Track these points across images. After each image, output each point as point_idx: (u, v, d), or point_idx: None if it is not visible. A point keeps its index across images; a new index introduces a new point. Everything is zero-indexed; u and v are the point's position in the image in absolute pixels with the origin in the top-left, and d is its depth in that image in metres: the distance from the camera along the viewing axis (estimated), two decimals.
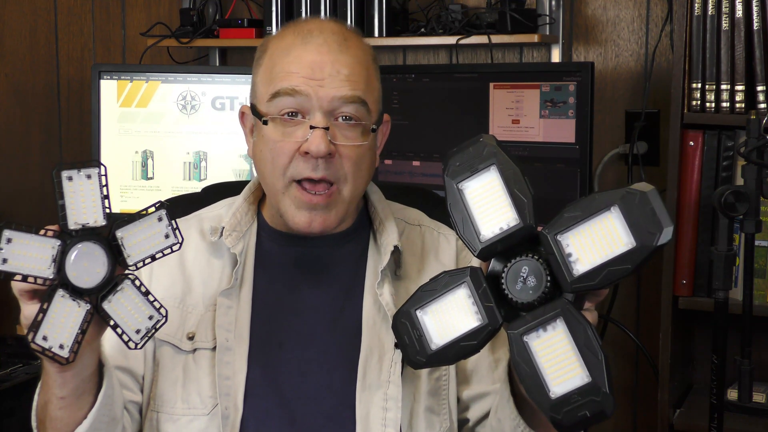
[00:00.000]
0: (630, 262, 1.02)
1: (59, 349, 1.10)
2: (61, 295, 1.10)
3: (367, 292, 1.41)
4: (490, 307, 1.09)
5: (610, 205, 1.02)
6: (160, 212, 1.15)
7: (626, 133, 2.52)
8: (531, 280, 1.07)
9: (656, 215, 1.01)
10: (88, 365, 1.21)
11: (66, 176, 1.11)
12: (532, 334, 1.05)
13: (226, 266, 1.42)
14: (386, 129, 1.47)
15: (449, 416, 1.39)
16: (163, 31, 2.94)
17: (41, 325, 1.09)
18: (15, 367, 2.83)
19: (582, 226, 1.03)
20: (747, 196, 1.76)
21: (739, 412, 2.10)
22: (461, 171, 1.09)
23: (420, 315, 1.11)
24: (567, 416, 1.03)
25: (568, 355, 1.04)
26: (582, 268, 1.03)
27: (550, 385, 1.04)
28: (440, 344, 1.11)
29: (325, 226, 1.37)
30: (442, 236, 1.48)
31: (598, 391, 1.02)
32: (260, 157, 1.39)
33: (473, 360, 1.40)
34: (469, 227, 1.09)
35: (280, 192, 1.37)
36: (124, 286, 1.13)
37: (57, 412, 1.22)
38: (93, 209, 1.12)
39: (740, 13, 2.10)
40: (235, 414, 1.34)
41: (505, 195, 1.07)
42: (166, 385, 1.38)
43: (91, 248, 1.11)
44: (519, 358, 1.06)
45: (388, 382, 1.35)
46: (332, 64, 1.34)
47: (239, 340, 1.37)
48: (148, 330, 1.15)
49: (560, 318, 1.04)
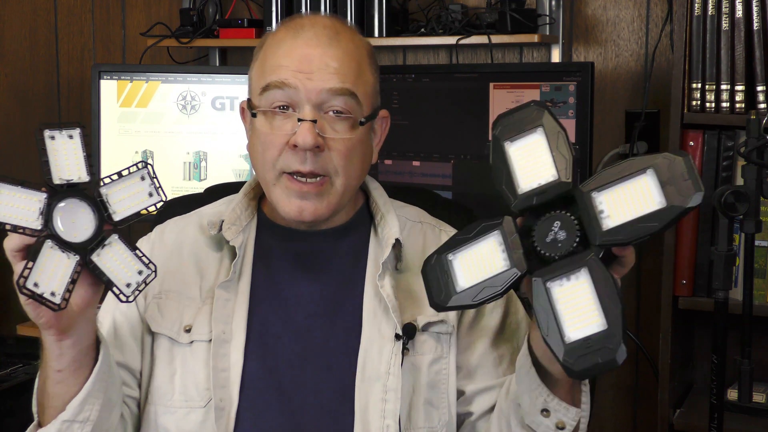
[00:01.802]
0: (658, 221, 1.05)
1: (51, 296, 1.12)
2: (50, 246, 1.12)
3: (367, 284, 1.41)
4: (518, 253, 1.12)
5: (646, 168, 1.06)
6: (142, 171, 1.19)
7: (626, 133, 2.52)
8: (561, 234, 1.10)
9: (689, 179, 1.04)
10: (85, 336, 1.22)
11: (48, 135, 1.14)
12: (555, 281, 1.08)
13: (224, 259, 1.43)
14: (385, 125, 1.47)
15: (448, 410, 1.40)
16: (163, 31, 2.95)
17: (32, 272, 1.11)
18: (15, 367, 2.83)
19: (617, 186, 1.07)
20: (747, 196, 1.75)
21: (739, 412, 2.09)
22: (509, 131, 1.14)
23: (451, 259, 1.15)
24: (579, 361, 1.06)
25: (588, 303, 1.06)
26: (611, 223, 1.07)
27: (566, 330, 1.07)
28: (465, 287, 1.14)
29: (316, 215, 1.37)
30: (443, 233, 1.49)
31: (612, 339, 1.05)
32: (253, 150, 1.41)
33: (477, 356, 1.41)
34: (510, 181, 1.13)
35: (271, 183, 1.38)
36: (111, 241, 1.16)
37: (55, 387, 1.24)
38: (76, 166, 1.15)
39: (740, 13, 2.10)
40: (231, 406, 1.34)
41: (547, 154, 1.12)
42: (163, 378, 1.38)
43: (77, 204, 1.14)
44: (540, 304, 1.08)
45: (388, 373, 1.36)
46: (321, 57, 1.35)
47: (236, 333, 1.38)
48: (138, 284, 1.17)
49: (585, 268, 1.07)
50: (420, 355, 1.39)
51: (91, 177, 1.15)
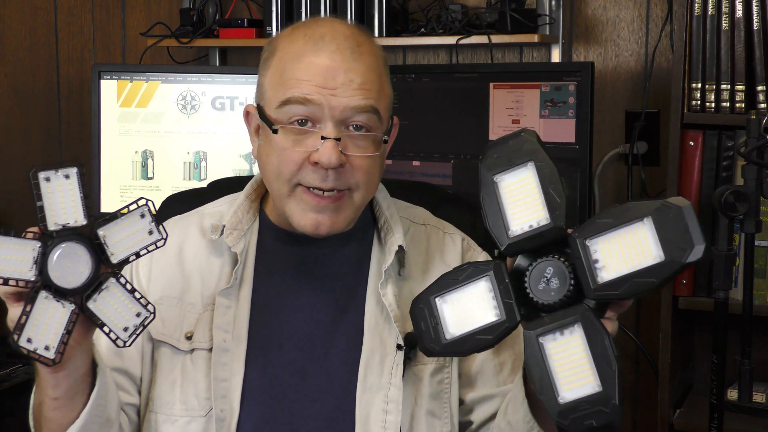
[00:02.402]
0: (656, 276, 1.01)
1: (45, 351, 1.10)
2: (44, 297, 1.09)
3: (369, 293, 1.39)
4: (509, 303, 1.08)
5: (644, 216, 1.02)
6: (142, 209, 1.15)
7: (626, 133, 2.52)
8: (554, 281, 1.06)
9: (689, 231, 1.00)
10: (80, 366, 1.20)
11: (43, 177, 1.10)
12: (548, 336, 1.04)
13: (225, 265, 1.40)
14: (394, 131, 1.43)
15: (450, 419, 1.38)
16: (163, 31, 2.94)
17: (25, 327, 1.09)
18: (15, 367, 2.83)
19: (612, 234, 1.03)
20: (747, 196, 1.75)
21: (739, 412, 2.09)
22: (498, 164, 1.09)
23: (439, 303, 1.11)
24: (573, 423, 1.03)
25: (582, 362, 1.03)
26: (607, 276, 1.03)
27: (560, 389, 1.04)
28: (456, 335, 1.11)
29: (332, 228, 1.34)
30: (447, 236, 1.47)
31: (608, 402, 1.01)
32: (266, 161, 1.36)
33: (478, 363, 1.40)
34: (499, 221, 1.08)
35: (285, 195, 1.34)
36: (109, 285, 1.13)
37: (51, 412, 1.22)
38: (73, 209, 1.11)
39: (740, 13, 2.10)
40: (231, 417, 1.33)
41: (539, 193, 1.07)
42: (165, 386, 1.37)
43: (73, 248, 1.10)
44: (532, 359, 1.05)
45: (390, 384, 1.34)
46: (345, 72, 1.31)
47: (237, 341, 1.36)
48: (136, 327, 1.15)
49: (579, 323, 1.03)
50: (422, 365, 1.37)
51: (87, 219, 1.12)
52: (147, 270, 1.41)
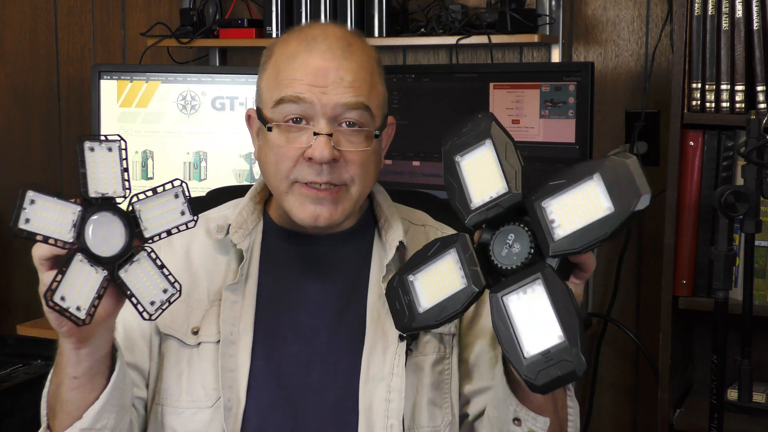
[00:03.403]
0: (608, 227, 1.05)
1: (76, 311, 1.12)
2: (79, 260, 1.12)
3: (371, 287, 1.42)
4: (475, 270, 1.13)
5: (593, 173, 1.06)
6: (177, 189, 1.19)
7: (626, 133, 2.52)
8: (516, 246, 1.11)
9: (635, 182, 1.03)
10: (103, 345, 1.22)
11: (88, 146, 1.14)
12: (512, 295, 1.08)
13: (231, 262, 1.44)
14: (391, 131, 1.48)
15: (451, 410, 1.41)
16: (163, 31, 2.95)
17: (60, 286, 1.11)
18: (15, 367, 2.83)
19: (565, 193, 1.07)
20: (747, 196, 1.76)
21: (739, 412, 2.10)
22: (459, 146, 1.15)
23: (411, 280, 1.17)
24: (540, 376, 1.06)
25: (546, 316, 1.06)
26: (563, 233, 1.07)
27: (525, 345, 1.07)
28: (427, 307, 1.15)
29: (331, 220, 1.37)
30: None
31: (569, 351, 1.04)
32: (265, 160, 1.41)
33: (474, 355, 1.42)
34: (462, 197, 1.14)
35: (284, 192, 1.38)
36: (140, 258, 1.16)
37: (69, 393, 1.24)
38: (113, 180, 1.15)
39: (740, 13, 2.10)
40: (238, 406, 1.36)
41: (496, 166, 1.13)
42: (171, 378, 1.39)
43: (109, 218, 1.14)
44: (498, 319, 1.09)
45: (392, 374, 1.37)
46: (336, 70, 1.35)
47: (243, 334, 1.39)
48: (162, 302, 1.18)
49: (539, 280, 1.07)
50: (423, 355, 1.40)
51: (126, 192, 1.16)
52: None
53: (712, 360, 1.85)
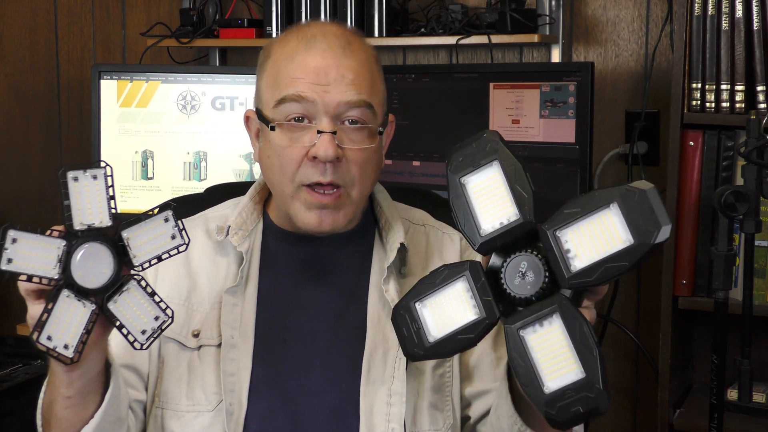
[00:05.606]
0: (627, 259, 1.02)
1: (64, 349, 1.10)
2: (66, 295, 1.10)
3: (372, 289, 1.42)
4: (488, 300, 1.09)
5: (610, 202, 1.03)
6: (166, 213, 1.15)
7: (626, 133, 2.52)
8: (529, 275, 1.07)
9: (655, 213, 1.01)
10: (95, 365, 1.21)
11: (72, 177, 1.11)
12: (528, 328, 1.05)
13: (231, 264, 1.43)
14: (391, 129, 1.47)
15: (453, 413, 1.40)
16: (163, 31, 2.95)
17: (45, 325, 1.09)
18: (15, 367, 2.83)
19: (581, 223, 1.04)
20: (747, 196, 1.76)
21: (739, 412, 2.10)
22: (464, 166, 1.10)
23: (419, 307, 1.12)
24: (561, 411, 1.03)
25: (564, 350, 1.04)
26: (579, 264, 1.04)
27: (545, 380, 1.04)
28: (438, 337, 1.11)
29: (334, 225, 1.37)
30: (446, 236, 1.49)
31: (591, 387, 1.03)
32: (268, 162, 1.39)
33: (475, 357, 1.42)
34: (470, 221, 1.09)
35: (289, 196, 1.37)
36: (129, 287, 1.13)
37: (63, 411, 1.23)
38: (99, 210, 1.12)
39: (740, 13, 2.10)
40: (240, 410, 1.35)
41: (506, 190, 1.08)
42: (171, 382, 1.39)
43: (96, 248, 1.11)
44: (515, 352, 1.06)
45: (393, 377, 1.36)
46: (337, 68, 1.34)
47: (244, 337, 1.38)
48: (153, 330, 1.15)
49: (557, 313, 1.04)
50: None
51: (112, 221, 1.12)
52: (154, 271, 1.43)
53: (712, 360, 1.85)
